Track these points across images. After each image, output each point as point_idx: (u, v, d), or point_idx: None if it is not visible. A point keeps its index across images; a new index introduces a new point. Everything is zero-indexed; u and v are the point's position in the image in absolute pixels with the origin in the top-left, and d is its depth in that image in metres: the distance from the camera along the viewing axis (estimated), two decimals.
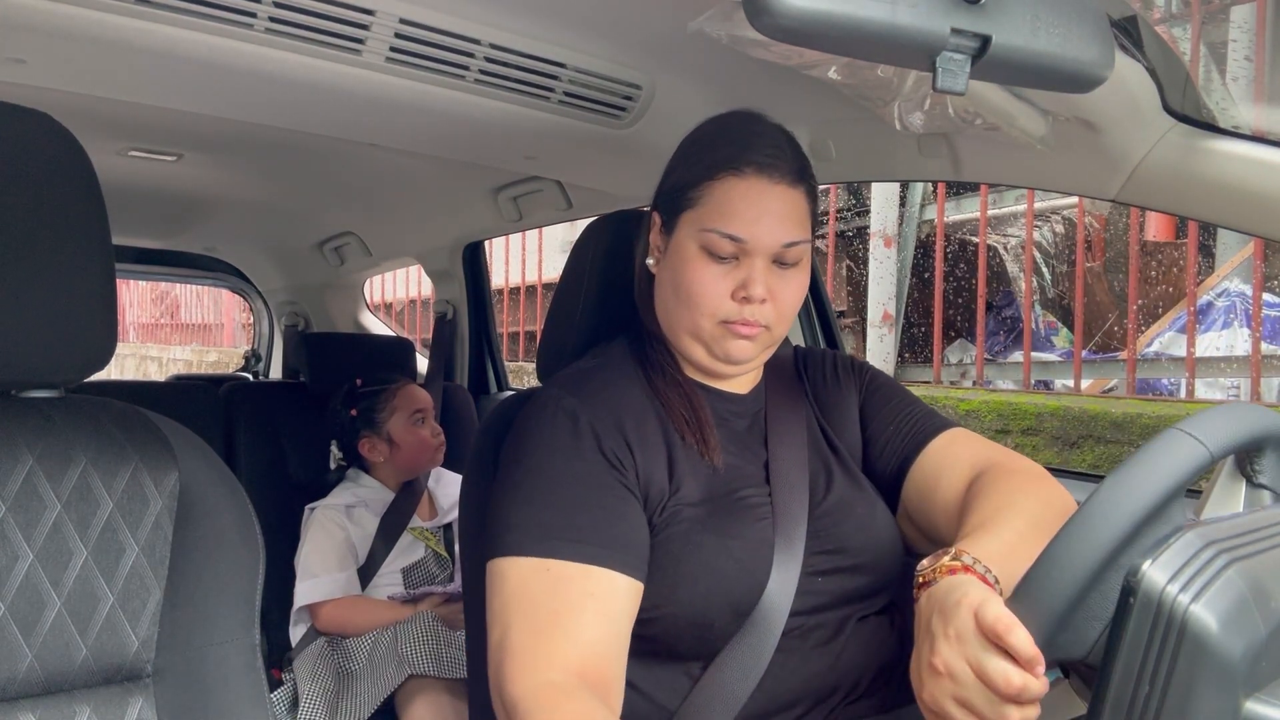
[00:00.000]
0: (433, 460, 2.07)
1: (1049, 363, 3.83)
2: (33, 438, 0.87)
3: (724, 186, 1.03)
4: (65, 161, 0.88)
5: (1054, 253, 4.27)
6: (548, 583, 0.94)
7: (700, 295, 1.03)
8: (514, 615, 0.94)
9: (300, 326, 3.24)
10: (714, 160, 1.05)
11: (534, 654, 0.91)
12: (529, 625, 0.92)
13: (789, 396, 1.17)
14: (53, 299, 0.86)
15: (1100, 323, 4.02)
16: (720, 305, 1.03)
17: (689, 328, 1.06)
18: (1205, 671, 0.57)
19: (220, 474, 0.96)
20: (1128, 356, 3.26)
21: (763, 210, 1.02)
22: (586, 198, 1.96)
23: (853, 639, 1.03)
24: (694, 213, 1.05)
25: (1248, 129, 1.11)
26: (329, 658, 1.80)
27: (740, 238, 1.02)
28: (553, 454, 1.00)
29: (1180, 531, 0.62)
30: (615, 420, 1.03)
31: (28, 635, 0.84)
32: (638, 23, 1.27)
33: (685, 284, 1.04)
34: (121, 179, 2.19)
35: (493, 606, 0.97)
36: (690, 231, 1.05)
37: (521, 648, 0.91)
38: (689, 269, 1.04)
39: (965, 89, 0.77)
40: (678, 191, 1.07)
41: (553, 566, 0.94)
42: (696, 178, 1.06)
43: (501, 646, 0.93)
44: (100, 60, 1.19)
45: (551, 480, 0.99)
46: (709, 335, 1.05)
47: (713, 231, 1.02)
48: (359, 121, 1.49)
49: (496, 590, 0.97)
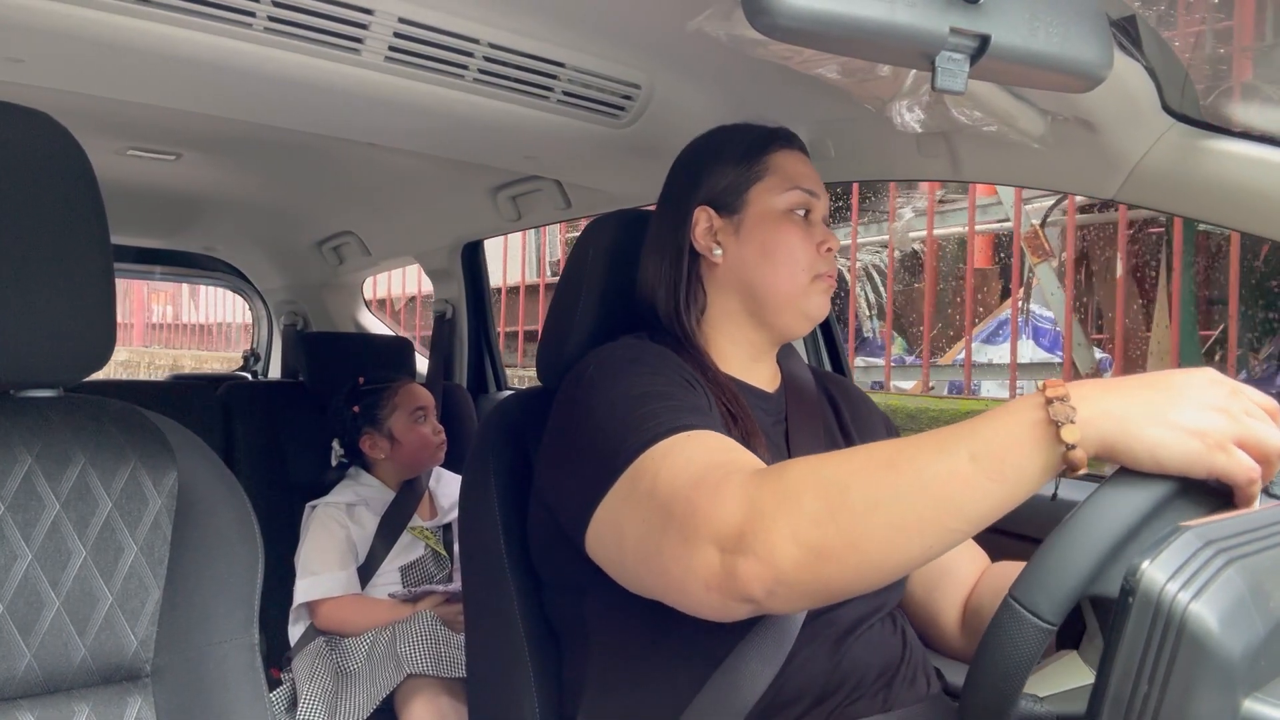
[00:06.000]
0: (434, 458, 2.07)
1: (879, 366, 4.82)
2: (31, 437, 0.87)
3: (783, 156, 1.14)
4: (64, 161, 0.88)
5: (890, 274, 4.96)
6: (690, 444, 0.89)
7: (798, 251, 1.11)
8: (672, 480, 0.85)
9: (299, 326, 3.24)
10: (762, 139, 1.15)
11: (724, 479, 0.82)
12: (698, 468, 0.85)
13: (808, 399, 1.19)
14: (51, 299, 0.86)
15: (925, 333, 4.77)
16: (812, 259, 1.11)
17: (784, 288, 1.11)
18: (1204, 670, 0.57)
19: (219, 473, 0.96)
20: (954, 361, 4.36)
21: (814, 173, 1.16)
22: (585, 197, 1.96)
23: (857, 640, 1.03)
24: (766, 182, 1.13)
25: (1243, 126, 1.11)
26: (328, 657, 1.80)
27: (815, 192, 1.14)
28: (635, 371, 0.99)
29: (1179, 530, 0.62)
30: (679, 368, 1.04)
31: (26, 635, 0.84)
32: (637, 22, 1.27)
33: (782, 244, 1.11)
34: (120, 178, 2.19)
35: (634, 509, 0.88)
36: (770, 198, 1.12)
37: (703, 482, 0.83)
38: (781, 231, 1.11)
39: (964, 88, 0.77)
40: (739, 173, 1.13)
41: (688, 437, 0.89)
42: (755, 155, 1.14)
43: (670, 513, 0.83)
44: (99, 60, 1.19)
45: (642, 386, 0.96)
46: (802, 292, 1.11)
47: (795, 189, 1.12)
48: (358, 121, 1.49)
49: (631, 493, 0.88)
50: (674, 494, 0.84)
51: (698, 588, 0.81)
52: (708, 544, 0.80)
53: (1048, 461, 0.72)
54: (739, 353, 1.14)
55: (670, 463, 0.87)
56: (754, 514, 0.78)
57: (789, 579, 0.77)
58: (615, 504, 0.90)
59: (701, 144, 1.19)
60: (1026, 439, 0.72)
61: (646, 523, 0.86)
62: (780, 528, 0.77)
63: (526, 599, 1.14)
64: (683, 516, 0.82)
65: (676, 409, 0.93)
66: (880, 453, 0.79)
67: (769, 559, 0.77)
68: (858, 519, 0.75)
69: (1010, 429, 0.73)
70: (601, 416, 0.96)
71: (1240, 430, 0.71)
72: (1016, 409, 0.74)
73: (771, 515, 0.77)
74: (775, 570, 0.77)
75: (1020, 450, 0.72)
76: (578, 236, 1.29)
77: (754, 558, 0.77)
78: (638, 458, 0.89)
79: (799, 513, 0.77)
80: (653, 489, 0.86)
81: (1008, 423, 0.73)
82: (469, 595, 1.23)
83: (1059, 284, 4.15)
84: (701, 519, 0.81)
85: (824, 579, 0.77)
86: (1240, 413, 0.72)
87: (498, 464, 1.19)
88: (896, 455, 0.77)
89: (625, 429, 0.92)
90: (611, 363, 1.02)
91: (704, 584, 0.80)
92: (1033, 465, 0.72)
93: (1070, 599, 0.69)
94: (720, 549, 0.79)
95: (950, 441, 0.74)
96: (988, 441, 0.73)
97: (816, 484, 0.78)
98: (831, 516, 0.76)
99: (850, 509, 0.75)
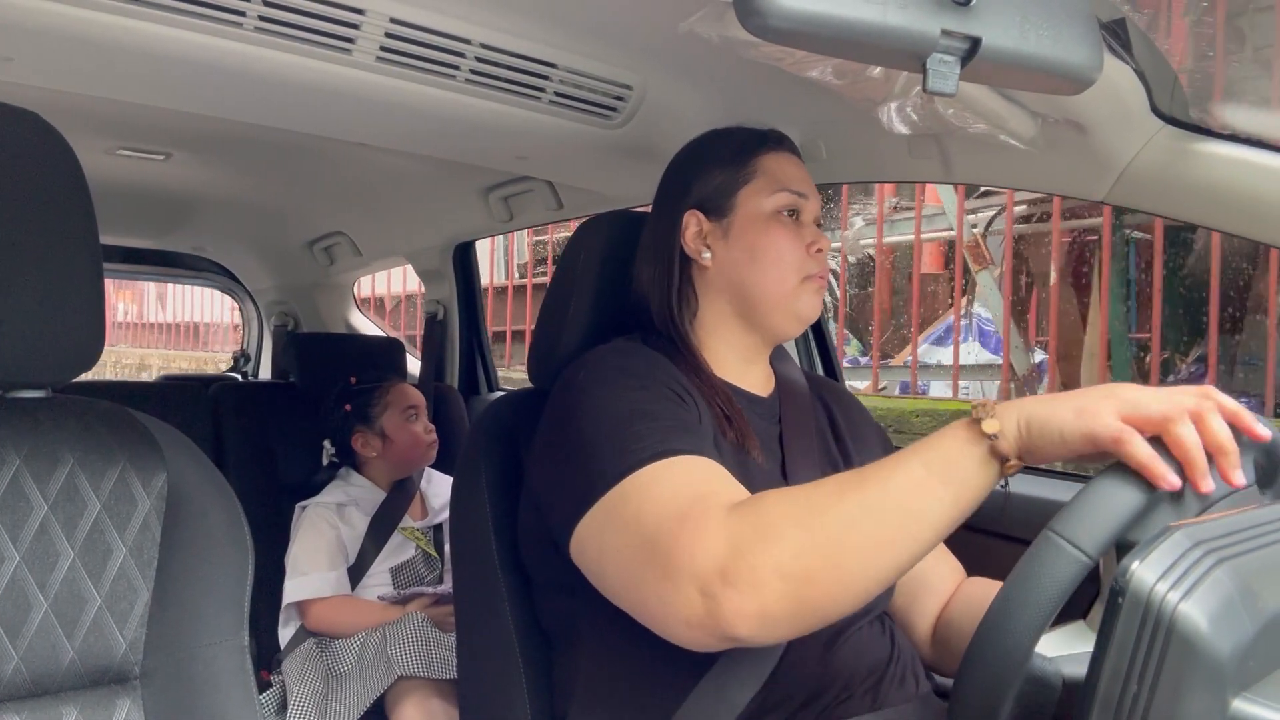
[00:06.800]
0: (425, 457, 2.07)
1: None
2: (19, 438, 0.87)
3: (771, 158, 1.15)
4: (53, 160, 0.88)
5: (847, 278, 5.15)
6: (674, 473, 0.90)
7: (786, 253, 1.11)
8: (654, 512, 0.86)
9: (290, 326, 3.23)
10: (751, 142, 1.15)
11: (703, 515, 0.84)
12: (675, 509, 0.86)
13: (802, 403, 1.19)
14: (40, 299, 0.85)
15: (883, 335, 4.99)
16: (802, 261, 1.12)
17: (773, 291, 1.11)
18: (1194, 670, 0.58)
19: (209, 474, 0.96)
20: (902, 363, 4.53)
21: (805, 174, 1.16)
22: (577, 198, 1.96)
23: (846, 642, 1.03)
24: (754, 185, 1.13)
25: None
26: (318, 659, 1.80)
27: (804, 193, 1.14)
28: (624, 384, 1.00)
29: (1169, 531, 0.63)
30: (670, 377, 1.04)
31: (14, 637, 0.84)
32: (629, 23, 1.27)
33: (770, 246, 1.11)
34: (110, 178, 2.18)
35: (617, 533, 0.89)
36: (757, 201, 1.12)
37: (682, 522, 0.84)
38: (769, 233, 1.11)
39: (955, 90, 0.77)
40: (727, 176, 1.13)
41: (671, 463, 0.91)
42: (743, 157, 1.14)
43: (654, 544, 0.85)
44: (88, 59, 1.19)
45: (630, 403, 0.97)
46: (791, 293, 1.12)
47: (784, 190, 1.12)
48: (349, 121, 1.49)
49: (613, 515, 0.89)
50: (657, 528, 0.86)
51: (678, 624, 0.83)
52: (688, 583, 0.81)
53: (982, 456, 0.80)
54: (732, 355, 1.15)
55: (654, 493, 0.88)
56: (734, 552, 0.80)
57: (772, 611, 0.79)
58: (598, 522, 0.92)
59: (693, 148, 1.19)
60: (961, 439, 0.82)
61: (629, 550, 0.88)
62: (764, 562, 0.79)
63: (517, 600, 1.14)
64: (665, 553, 0.84)
65: (665, 430, 0.94)
66: (846, 476, 0.85)
67: (753, 594, 0.79)
68: (835, 540, 0.80)
69: (949, 437, 0.82)
70: (589, 431, 0.96)
71: (1122, 406, 0.77)
72: (954, 424, 0.83)
73: (752, 551, 0.80)
74: (759, 604, 0.79)
75: (959, 450, 0.81)
76: (546, 239, 1.29)
77: (738, 595, 0.79)
78: (621, 480, 0.90)
79: (780, 544, 0.80)
80: (636, 517, 0.88)
81: (947, 434, 0.83)
82: (460, 596, 1.23)
83: (998, 290, 4.50)
84: (684, 558, 0.82)
85: (808, 606, 0.80)
86: (1129, 395, 0.78)
87: (489, 465, 1.18)
88: (862, 474, 0.83)
89: (611, 447, 0.93)
90: (602, 370, 1.02)
91: (684, 622, 0.82)
92: (970, 461, 0.80)
93: (1110, 537, 0.71)
94: (701, 590, 0.81)
95: (905, 457, 0.82)
96: (934, 450, 0.82)
97: (793, 512, 0.82)
98: (812, 541, 0.79)
99: (827, 531, 0.80)
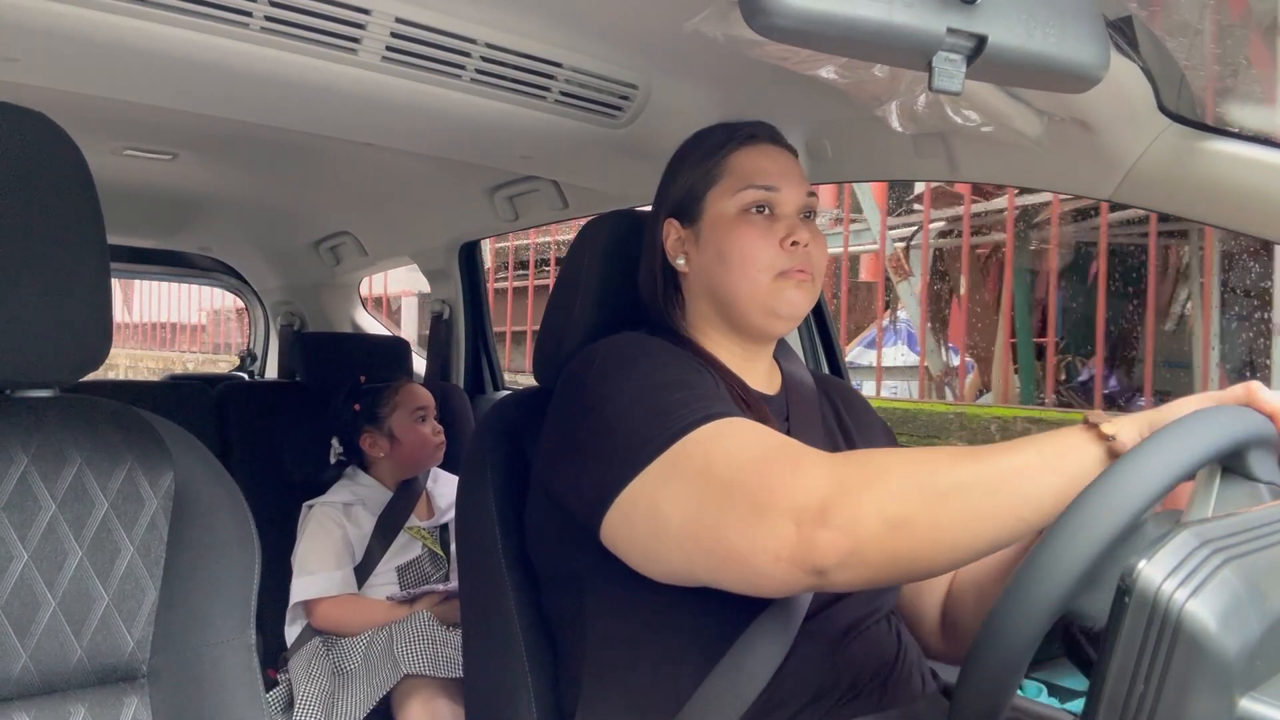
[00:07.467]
0: (433, 458, 2.07)
1: None
2: (27, 438, 0.87)
3: (741, 154, 1.11)
4: (60, 161, 0.88)
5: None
6: (735, 429, 0.91)
7: (752, 252, 1.07)
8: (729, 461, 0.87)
9: (296, 326, 3.23)
10: (720, 141, 1.12)
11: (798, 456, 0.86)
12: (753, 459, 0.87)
13: (809, 400, 1.19)
14: (47, 298, 0.86)
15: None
16: (774, 257, 1.08)
17: (745, 291, 1.08)
18: (1200, 669, 0.57)
19: (216, 473, 0.96)
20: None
21: (783, 165, 1.11)
22: (583, 197, 1.96)
23: (854, 640, 1.03)
24: (720, 185, 1.10)
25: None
26: (324, 657, 1.80)
27: (774, 186, 1.09)
28: (649, 362, 1.00)
29: (1176, 530, 0.63)
30: (686, 359, 1.04)
31: (22, 636, 0.84)
32: (634, 22, 1.27)
33: (735, 248, 1.08)
34: (116, 178, 2.18)
35: (678, 489, 0.89)
36: (723, 202, 1.10)
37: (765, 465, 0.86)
38: (734, 233, 1.08)
39: (961, 89, 0.77)
40: (695, 179, 1.12)
41: (727, 423, 0.92)
42: (711, 159, 1.12)
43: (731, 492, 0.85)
44: (95, 59, 1.19)
45: (663, 376, 0.98)
46: (765, 292, 1.08)
47: (748, 187, 1.09)
48: (355, 121, 1.49)
49: (671, 475, 0.89)
50: (739, 470, 0.86)
51: (765, 559, 0.83)
52: (783, 516, 0.82)
53: (1098, 455, 0.80)
54: (732, 354, 1.14)
55: (723, 444, 0.89)
56: (839, 489, 0.81)
57: (865, 551, 0.80)
58: (647, 488, 0.91)
59: (677, 151, 1.18)
60: (1080, 437, 0.82)
61: (698, 500, 0.88)
62: (867, 502, 0.80)
63: (524, 598, 1.14)
64: (754, 490, 0.84)
65: (706, 397, 0.95)
66: (959, 448, 0.86)
67: (851, 531, 0.80)
68: (940, 498, 0.80)
69: (1068, 434, 0.82)
70: (622, 404, 0.96)
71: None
72: (1072, 427, 0.84)
73: (858, 490, 0.81)
74: (854, 541, 0.80)
75: (1076, 445, 0.81)
76: (504, 246, 1.30)
77: (836, 529, 0.80)
78: (676, 442, 0.90)
79: (886, 489, 0.81)
80: (705, 468, 0.88)
81: (1065, 431, 0.83)
82: (466, 595, 1.23)
83: (915, 300, 4.85)
84: (779, 492, 0.83)
85: (900, 555, 0.80)
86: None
87: (495, 464, 1.19)
88: (975, 450, 0.83)
89: (654, 415, 0.93)
90: (621, 352, 1.03)
91: (773, 555, 0.82)
92: (1085, 457, 0.80)
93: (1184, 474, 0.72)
94: (797, 521, 0.81)
95: (1021, 443, 0.83)
96: (1050, 442, 0.82)
97: (903, 465, 0.83)
98: (919, 494, 0.80)
99: (937, 487, 0.80)
